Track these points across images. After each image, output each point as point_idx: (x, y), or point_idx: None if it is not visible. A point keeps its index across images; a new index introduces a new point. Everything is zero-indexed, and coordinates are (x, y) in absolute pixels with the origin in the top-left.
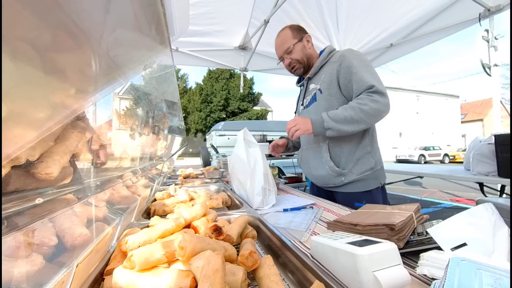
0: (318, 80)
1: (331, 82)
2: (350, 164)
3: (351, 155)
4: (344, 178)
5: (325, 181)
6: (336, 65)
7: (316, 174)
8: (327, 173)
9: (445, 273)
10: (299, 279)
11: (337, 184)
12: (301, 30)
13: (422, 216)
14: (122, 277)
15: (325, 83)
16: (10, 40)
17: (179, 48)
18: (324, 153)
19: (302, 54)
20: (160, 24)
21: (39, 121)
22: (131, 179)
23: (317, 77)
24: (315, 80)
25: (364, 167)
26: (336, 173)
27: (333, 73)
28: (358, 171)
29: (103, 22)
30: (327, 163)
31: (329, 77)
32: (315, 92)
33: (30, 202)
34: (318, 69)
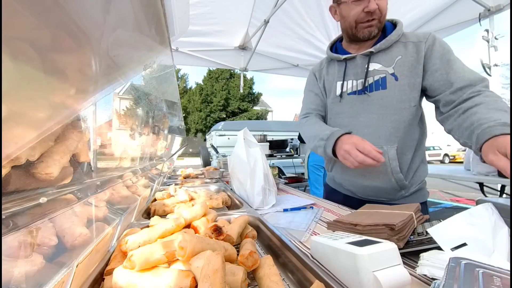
0: (389, 61)
1: (415, 68)
2: (411, 174)
3: (413, 163)
4: (404, 191)
5: (381, 194)
6: (423, 45)
7: (370, 185)
8: (390, 186)
9: (445, 273)
10: (299, 279)
11: (395, 198)
12: None
13: (422, 216)
14: (122, 277)
15: (405, 68)
16: (10, 40)
17: (179, 48)
18: (391, 160)
19: (386, 9)
20: (160, 24)
21: (39, 121)
22: (131, 179)
23: (385, 55)
24: (382, 58)
25: (422, 176)
26: (401, 186)
27: (418, 56)
28: (416, 182)
29: (103, 22)
30: (395, 174)
31: (410, 61)
32: (384, 77)
33: (30, 202)
34: (389, 44)
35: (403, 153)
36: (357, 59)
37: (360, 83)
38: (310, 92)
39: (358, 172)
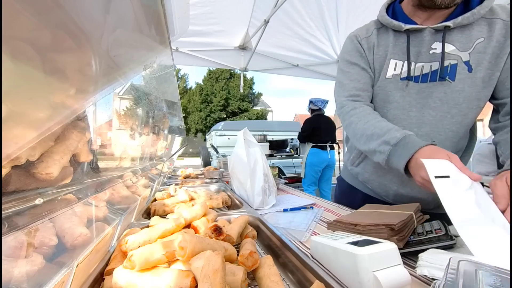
0: (465, 43)
1: (497, 57)
2: None
3: None
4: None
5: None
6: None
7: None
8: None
9: (445, 273)
10: (299, 279)
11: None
12: None
13: (422, 216)
14: (122, 277)
15: (485, 56)
16: (10, 40)
17: (179, 48)
18: None
19: None
20: (160, 24)
21: (39, 121)
22: (131, 179)
23: (463, 34)
24: (457, 38)
25: None
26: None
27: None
28: None
29: (103, 22)
30: None
31: (493, 47)
32: (455, 64)
33: (30, 202)
34: (474, 19)
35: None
36: (425, 34)
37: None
38: (354, 65)
39: (396, 178)
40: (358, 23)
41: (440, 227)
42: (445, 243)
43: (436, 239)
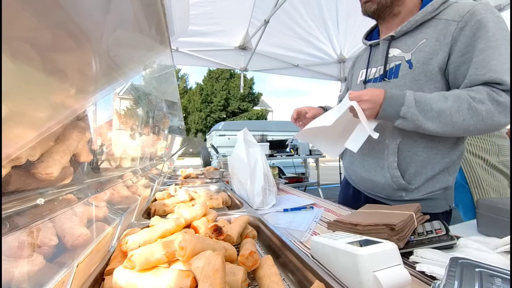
0: (410, 45)
1: (436, 54)
2: (421, 179)
3: (427, 169)
4: (404, 195)
5: (376, 189)
6: (454, 27)
7: (366, 177)
8: (385, 182)
9: (445, 273)
10: (299, 279)
11: (391, 197)
12: None
13: (423, 217)
14: (122, 277)
15: (423, 54)
16: (10, 40)
17: (179, 48)
18: (390, 155)
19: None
20: (160, 24)
21: (39, 121)
22: (132, 179)
23: (409, 38)
24: (403, 42)
25: (437, 185)
26: (398, 185)
27: (444, 41)
28: (426, 190)
29: (103, 22)
30: (391, 171)
31: (433, 45)
32: (399, 64)
33: (31, 202)
34: (414, 26)
35: (407, 150)
36: (380, 45)
37: (378, 71)
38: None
39: (359, 163)
40: (358, 23)
41: (440, 227)
42: (445, 243)
43: (437, 239)
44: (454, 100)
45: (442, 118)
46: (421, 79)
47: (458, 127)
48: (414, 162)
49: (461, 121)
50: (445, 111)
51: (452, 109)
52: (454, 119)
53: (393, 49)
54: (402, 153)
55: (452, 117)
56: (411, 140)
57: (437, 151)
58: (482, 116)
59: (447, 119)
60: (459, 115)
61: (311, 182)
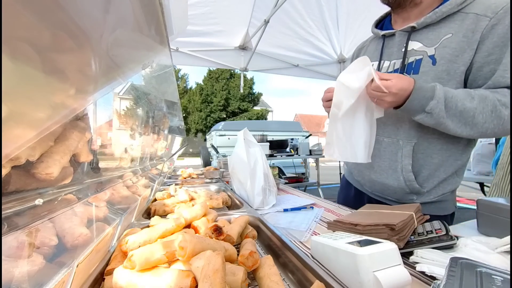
0: (433, 39)
1: (463, 52)
2: (434, 182)
3: (440, 171)
4: (415, 198)
5: (387, 192)
6: (485, 23)
7: (378, 181)
8: (397, 185)
9: (446, 273)
10: (299, 279)
11: (401, 201)
12: None
13: (423, 217)
14: (122, 277)
15: (449, 50)
16: (10, 40)
17: (179, 48)
18: (404, 158)
19: None
20: (158, 24)
21: (38, 121)
22: (131, 179)
23: (432, 31)
24: (425, 36)
25: (447, 187)
26: (411, 190)
27: (473, 37)
28: (437, 193)
29: (102, 22)
30: (405, 174)
31: (460, 42)
32: (421, 59)
33: (31, 202)
34: (441, 17)
35: (421, 152)
36: (396, 37)
37: (393, 65)
38: None
39: (368, 164)
40: (358, 23)
41: (440, 227)
42: (445, 243)
43: (437, 239)
44: (480, 100)
45: (464, 118)
46: (443, 77)
47: (477, 129)
48: (428, 165)
49: (482, 123)
50: (469, 111)
51: (477, 110)
52: (475, 120)
53: (413, 42)
54: (416, 155)
55: (474, 118)
56: (427, 142)
57: (450, 153)
58: (504, 120)
59: (468, 120)
60: (482, 117)
61: (311, 182)
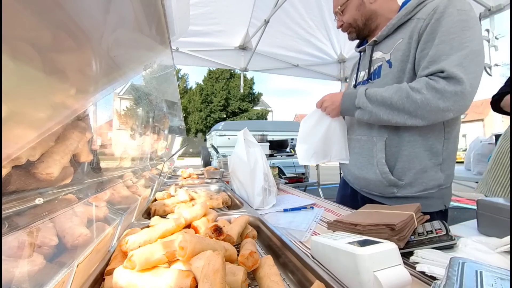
0: (389, 46)
1: (410, 52)
2: (410, 174)
3: (414, 163)
4: (396, 191)
5: (370, 186)
6: (421, 24)
7: (360, 175)
8: (375, 178)
9: (446, 273)
10: (299, 279)
11: (384, 194)
12: None
13: (423, 217)
14: (122, 277)
15: (400, 53)
16: (10, 40)
17: (179, 48)
18: (378, 152)
19: (358, 14)
20: (160, 25)
21: (40, 121)
22: (132, 179)
23: (389, 40)
24: (384, 45)
25: (430, 182)
26: (389, 182)
27: (414, 38)
28: (420, 187)
29: (105, 23)
30: (380, 167)
31: (407, 43)
32: (381, 65)
33: (31, 202)
34: (393, 29)
35: (394, 146)
36: (366, 51)
37: (366, 74)
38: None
39: (353, 162)
40: None
41: (440, 227)
42: (445, 243)
43: (437, 239)
44: (395, 90)
45: (385, 105)
46: (400, 76)
47: (403, 115)
48: (400, 157)
49: (402, 108)
50: (387, 99)
51: (393, 98)
52: (395, 106)
53: (376, 52)
54: (390, 149)
55: (392, 104)
56: (397, 136)
57: (419, 145)
58: (418, 104)
59: (390, 106)
60: (400, 103)
61: (311, 182)
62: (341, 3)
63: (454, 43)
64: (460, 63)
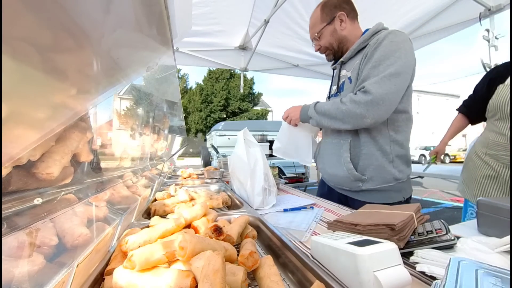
0: (351, 66)
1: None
2: (370, 170)
3: (371, 159)
4: (362, 184)
5: (340, 182)
6: (367, 49)
7: (331, 173)
8: (343, 175)
9: (446, 273)
10: (299, 279)
11: (352, 189)
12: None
13: (423, 217)
14: (122, 277)
15: (356, 71)
16: (12, 41)
17: (179, 48)
18: (344, 152)
19: (332, 39)
20: (162, 26)
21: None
22: (132, 179)
23: (351, 62)
24: (348, 65)
25: (387, 177)
26: (354, 177)
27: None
28: (379, 180)
29: (106, 24)
30: (346, 164)
31: (360, 64)
32: (344, 81)
33: (31, 202)
34: (354, 52)
35: (356, 147)
36: (337, 68)
37: (336, 88)
38: None
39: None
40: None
41: (441, 227)
42: (445, 243)
43: (437, 239)
44: (332, 103)
45: (327, 115)
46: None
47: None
48: (361, 156)
49: (335, 116)
50: (327, 110)
51: (331, 109)
52: (333, 115)
53: (343, 70)
54: (354, 150)
55: (331, 113)
56: (357, 138)
57: (372, 145)
58: (343, 113)
59: (329, 116)
60: (334, 113)
61: (311, 182)
62: (317, 30)
63: (380, 67)
64: (377, 82)
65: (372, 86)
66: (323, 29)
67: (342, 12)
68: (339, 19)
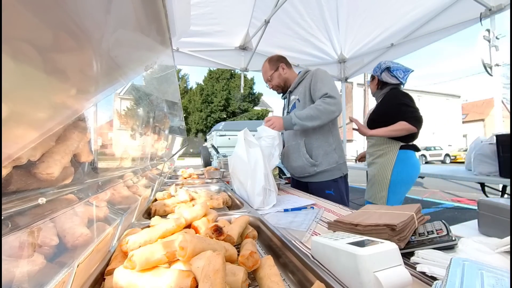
0: (297, 92)
1: (306, 93)
2: (320, 157)
3: (320, 150)
4: (316, 168)
5: (302, 171)
6: (308, 80)
7: (295, 165)
8: (303, 164)
9: (447, 273)
10: (299, 280)
11: (311, 173)
12: (278, 60)
13: (423, 217)
14: (122, 277)
15: (302, 94)
16: (12, 41)
17: (179, 49)
18: (301, 148)
19: (279, 80)
20: (161, 25)
21: (42, 122)
22: (132, 179)
23: (296, 90)
24: (294, 92)
25: (331, 160)
26: (310, 163)
27: (307, 86)
28: (326, 163)
29: (105, 23)
30: (304, 156)
31: (303, 90)
32: (295, 102)
33: (31, 202)
34: (297, 84)
35: (309, 143)
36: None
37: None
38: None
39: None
40: (359, 23)
41: (441, 227)
42: (446, 243)
43: (438, 240)
44: (309, 109)
45: (309, 117)
46: (303, 105)
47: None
48: (313, 148)
49: (315, 116)
50: (308, 114)
51: (311, 112)
52: (314, 116)
53: (292, 95)
54: (308, 145)
55: (312, 115)
56: (309, 137)
57: (318, 138)
58: (321, 111)
59: (312, 117)
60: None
61: None
62: (269, 75)
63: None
64: (331, 90)
65: (332, 92)
66: (272, 74)
67: (283, 63)
68: (281, 67)
